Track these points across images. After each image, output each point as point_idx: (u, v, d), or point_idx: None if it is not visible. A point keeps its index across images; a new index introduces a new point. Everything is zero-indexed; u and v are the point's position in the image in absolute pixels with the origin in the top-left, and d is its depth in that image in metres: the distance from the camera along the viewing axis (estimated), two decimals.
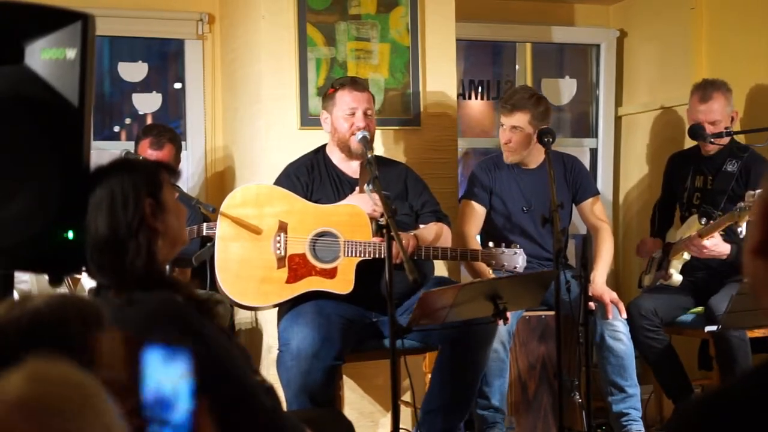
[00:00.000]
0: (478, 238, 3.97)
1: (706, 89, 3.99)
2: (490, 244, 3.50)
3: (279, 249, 3.34)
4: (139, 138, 4.21)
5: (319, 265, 3.36)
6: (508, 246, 3.48)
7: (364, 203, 3.38)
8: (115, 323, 1.54)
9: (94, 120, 3.50)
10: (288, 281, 3.34)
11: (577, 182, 4.08)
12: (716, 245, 3.73)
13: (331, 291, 3.34)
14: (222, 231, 3.33)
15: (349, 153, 3.55)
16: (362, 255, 3.35)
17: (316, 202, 3.47)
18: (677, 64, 4.82)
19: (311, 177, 3.56)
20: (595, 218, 4.08)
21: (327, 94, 3.61)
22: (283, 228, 3.35)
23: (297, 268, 3.35)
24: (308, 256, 3.36)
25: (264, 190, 3.47)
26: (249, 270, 3.32)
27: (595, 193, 4.13)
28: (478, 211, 4.01)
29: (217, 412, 1.95)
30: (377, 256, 3.33)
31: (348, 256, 3.35)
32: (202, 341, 1.98)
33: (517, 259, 3.47)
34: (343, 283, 3.35)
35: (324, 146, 3.66)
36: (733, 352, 3.65)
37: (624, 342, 3.77)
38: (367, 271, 3.37)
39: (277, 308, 3.48)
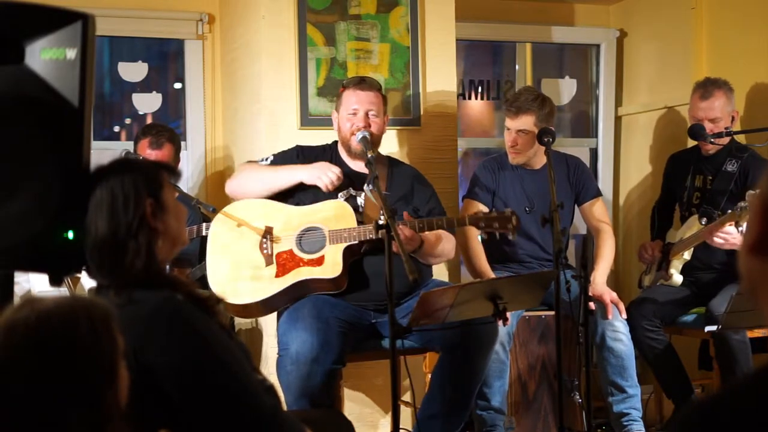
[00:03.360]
0: (479, 238, 3.96)
1: (707, 87, 3.99)
2: (482, 206, 3.53)
3: (266, 249, 3.36)
4: (138, 138, 4.21)
5: (306, 257, 3.37)
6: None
7: (312, 176, 3.42)
8: None
9: (94, 120, 3.50)
10: (277, 276, 3.35)
11: (580, 183, 4.08)
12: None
13: (320, 277, 3.33)
14: (211, 246, 3.39)
15: (349, 152, 3.55)
16: (348, 240, 3.34)
17: (313, 193, 3.46)
18: (677, 64, 4.81)
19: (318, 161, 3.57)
20: (596, 220, 4.08)
21: (338, 94, 3.64)
22: (269, 231, 3.39)
23: (285, 263, 3.37)
24: (295, 251, 3.37)
25: (243, 204, 3.49)
26: (239, 272, 3.36)
27: (598, 194, 4.12)
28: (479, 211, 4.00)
29: (218, 410, 1.95)
30: (363, 239, 3.33)
31: (334, 243, 3.36)
32: (202, 339, 1.98)
33: (509, 219, 3.35)
34: (331, 267, 3.34)
35: (336, 142, 3.68)
36: (733, 352, 3.64)
37: (624, 342, 3.77)
38: (366, 270, 3.37)
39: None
